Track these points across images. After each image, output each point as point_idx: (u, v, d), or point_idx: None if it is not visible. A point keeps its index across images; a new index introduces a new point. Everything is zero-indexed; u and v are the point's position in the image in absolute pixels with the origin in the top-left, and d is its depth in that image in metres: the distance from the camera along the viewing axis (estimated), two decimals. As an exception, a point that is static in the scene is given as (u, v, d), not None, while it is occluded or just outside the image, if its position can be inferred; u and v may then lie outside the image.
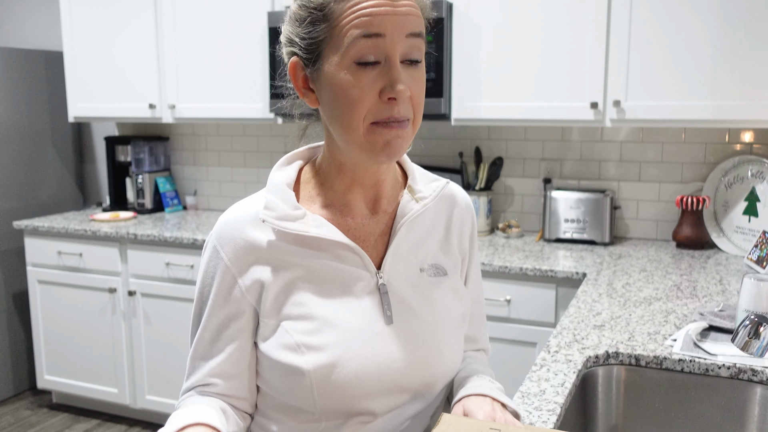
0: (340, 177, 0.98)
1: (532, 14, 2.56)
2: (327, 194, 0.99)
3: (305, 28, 0.90)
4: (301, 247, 0.95)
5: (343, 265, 0.96)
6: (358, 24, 0.85)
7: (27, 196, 3.65)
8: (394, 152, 0.90)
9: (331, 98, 0.89)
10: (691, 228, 2.63)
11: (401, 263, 1.00)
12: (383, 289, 0.97)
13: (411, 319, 0.98)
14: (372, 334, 0.94)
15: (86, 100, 3.44)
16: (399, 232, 0.99)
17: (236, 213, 0.98)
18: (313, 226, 0.94)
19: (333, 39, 0.87)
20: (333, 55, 0.88)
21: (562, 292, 2.36)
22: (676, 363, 1.45)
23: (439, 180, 1.06)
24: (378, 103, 0.87)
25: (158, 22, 3.21)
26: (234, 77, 3.10)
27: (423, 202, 1.01)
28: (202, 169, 3.68)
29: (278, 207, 0.94)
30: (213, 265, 0.97)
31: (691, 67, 2.38)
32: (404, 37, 0.87)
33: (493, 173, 2.92)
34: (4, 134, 3.50)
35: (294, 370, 0.92)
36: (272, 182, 0.98)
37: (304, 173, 1.02)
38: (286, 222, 0.93)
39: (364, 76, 0.86)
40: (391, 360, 0.94)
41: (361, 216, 1.00)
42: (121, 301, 3.16)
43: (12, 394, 3.61)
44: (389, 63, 0.87)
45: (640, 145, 2.82)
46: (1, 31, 4.09)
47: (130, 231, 3.05)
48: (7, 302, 3.56)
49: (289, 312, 0.94)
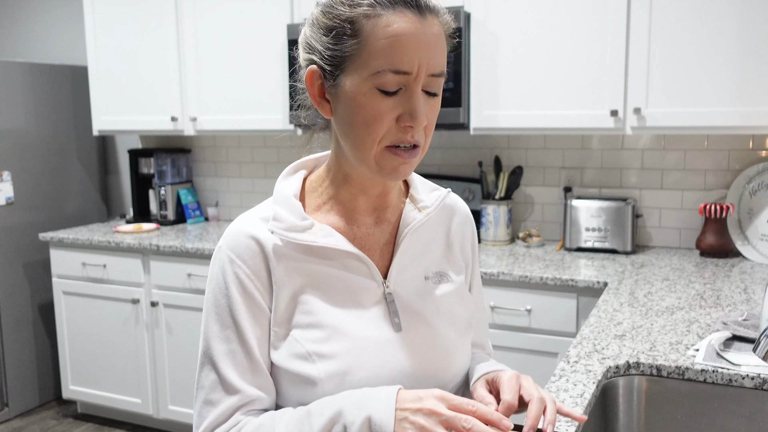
0: (346, 187, 0.99)
1: (550, 22, 2.56)
2: (333, 203, 1.00)
3: (330, 39, 0.88)
4: (309, 256, 0.95)
5: (351, 274, 0.96)
6: (388, 55, 0.84)
7: (52, 209, 3.71)
8: (400, 176, 0.92)
9: (347, 115, 0.89)
10: (715, 236, 2.59)
11: (407, 272, 1.01)
12: (390, 298, 0.98)
13: (419, 326, 0.98)
14: (382, 341, 0.94)
15: (110, 113, 3.49)
16: (404, 241, 1.00)
17: (245, 223, 0.97)
18: (322, 236, 0.95)
19: (359, 59, 0.86)
20: (355, 74, 0.87)
21: (583, 301, 2.33)
22: (699, 373, 1.43)
23: (440, 189, 1.07)
24: (394, 128, 0.88)
25: (180, 37, 3.26)
26: (254, 89, 3.13)
27: (426, 211, 1.02)
28: (223, 181, 3.72)
29: (286, 218, 0.95)
30: (229, 274, 0.94)
31: (713, 73, 2.35)
32: (427, 76, 0.88)
33: (512, 182, 2.91)
34: (31, 148, 3.56)
35: (305, 379, 0.92)
36: (279, 193, 0.99)
37: (309, 182, 1.03)
38: (294, 233, 0.94)
39: (384, 102, 0.87)
40: (402, 366, 0.94)
41: (366, 225, 1.01)
42: (144, 312, 3.19)
43: (38, 404, 3.66)
44: (410, 92, 0.87)
45: (662, 153, 2.79)
46: (27, 46, 4.18)
47: (152, 242, 3.09)
48: (33, 313, 3.61)
49: (299, 321, 0.94)
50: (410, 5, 0.85)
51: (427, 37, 0.86)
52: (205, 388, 0.94)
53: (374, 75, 0.85)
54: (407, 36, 0.84)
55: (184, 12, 3.22)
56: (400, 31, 0.84)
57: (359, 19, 0.85)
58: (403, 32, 0.84)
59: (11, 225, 3.48)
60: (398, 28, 0.84)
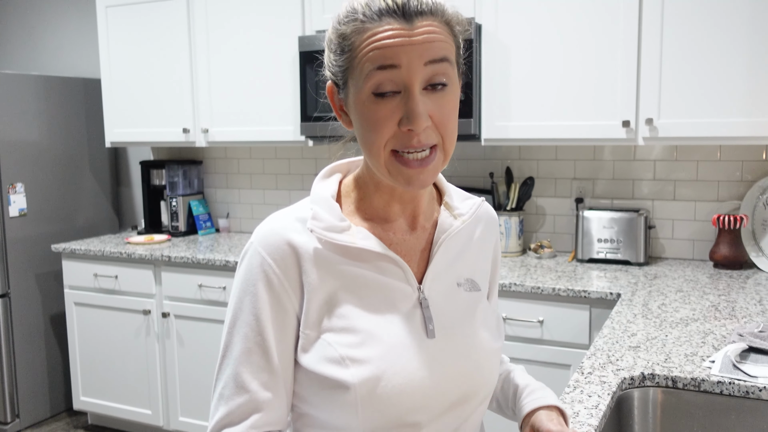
0: (378, 193, 0.99)
1: (561, 33, 2.56)
2: (367, 209, 1.00)
3: (334, 55, 0.92)
4: (345, 258, 0.95)
5: (386, 278, 0.96)
6: (372, 57, 0.86)
7: (65, 220, 3.73)
8: (417, 185, 0.91)
9: (356, 124, 0.92)
10: (728, 247, 2.57)
11: (441, 278, 1.01)
12: (425, 304, 0.97)
13: (452, 333, 0.98)
14: (415, 347, 0.94)
15: (123, 125, 3.52)
16: (440, 248, 1.00)
17: (279, 221, 0.97)
18: (359, 238, 0.95)
19: (353, 70, 0.89)
20: (354, 85, 0.90)
21: (596, 313, 2.32)
22: (715, 385, 1.41)
23: (474, 198, 1.08)
24: (398, 132, 0.88)
25: (192, 49, 3.28)
26: (265, 101, 3.14)
27: (462, 218, 1.03)
28: (234, 192, 3.73)
29: (325, 218, 0.95)
30: (258, 272, 0.93)
31: (725, 84, 2.35)
32: (423, 66, 0.86)
33: (524, 193, 2.90)
34: (44, 159, 3.59)
35: (338, 384, 0.91)
36: (317, 194, 0.99)
37: (344, 186, 1.03)
38: (333, 233, 0.94)
39: (383, 107, 0.87)
40: (434, 373, 0.94)
41: (401, 231, 1.01)
42: (155, 323, 3.19)
43: (49, 415, 3.66)
44: (408, 93, 0.87)
45: (675, 164, 2.78)
46: (41, 59, 4.22)
47: (164, 253, 3.10)
48: (45, 324, 3.63)
49: (332, 324, 0.93)
50: (395, 14, 0.86)
51: (414, 35, 0.86)
52: (221, 381, 0.95)
53: (366, 79, 0.87)
54: (392, 37, 0.85)
55: (196, 25, 3.25)
56: (384, 35, 0.86)
57: (351, 35, 0.88)
58: (387, 36, 0.86)
59: (24, 236, 3.50)
60: (383, 34, 0.86)
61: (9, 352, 3.44)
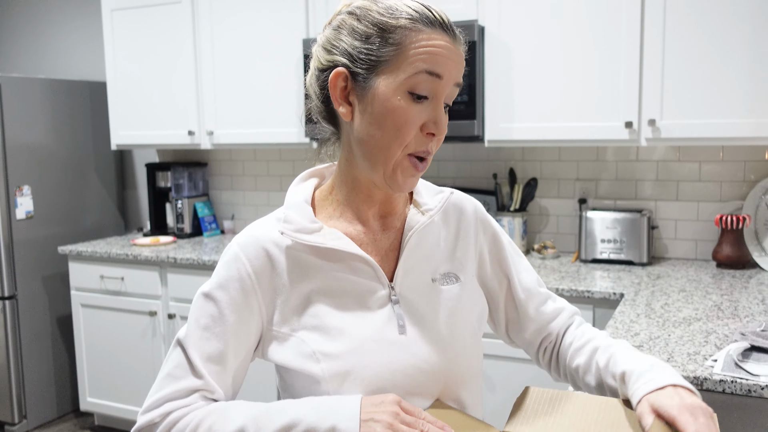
0: (354, 193, 1.03)
1: (564, 35, 2.57)
2: (342, 210, 1.04)
3: (367, 44, 0.92)
4: (318, 259, 0.99)
5: (358, 277, 1.00)
6: (426, 59, 0.91)
7: (71, 222, 3.75)
8: (408, 189, 0.98)
9: (374, 117, 0.93)
10: (731, 247, 2.58)
11: (412, 274, 1.03)
12: (395, 300, 1.01)
13: (424, 328, 1.01)
14: (385, 343, 0.97)
15: (128, 128, 3.54)
16: (408, 245, 1.03)
17: (259, 225, 1.03)
18: (330, 239, 0.99)
19: (394, 64, 0.92)
20: (389, 77, 0.92)
21: (599, 312, 2.33)
22: (717, 384, 1.43)
23: (445, 191, 1.11)
24: (418, 135, 0.94)
25: (196, 52, 3.30)
26: (270, 103, 3.16)
27: (429, 213, 1.06)
28: (239, 194, 3.75)
29: (296, 220, 0.99)
30: (233, 269, 0.98)
31: (727, 84, 2.36)
32: (453, 85, 0.94)
33: (527, 194, 2.92)
34: (50, 162, 3.62)
35: (311, 378, 0.96)
36: (290, 198, 1.04)
37: (320, 190, 1.07)
38: (303, 234, 0.98)
39: (413, 108, 0.92)
40: (405, 367, 0.97)
41: (374, 231, 1.04)
42: (161, 324, 3.21)
43: (56, 416, 3.68)
44: (436, 101, 0.93)
45: (677, 164, 2.79)
46: (47, 63, 4.25)
47: (169, 255, 3.12)
48: (52, 325, 3.65)
49: (306, 323, 0.98)
50: (446, 29, 0.93)
51: (456, 56, 0.94)
52: (170, 363, 0.97)
53: (409, 77, 0.91)
54: (444, 48, 0.92)
55: (200, 28, 3.27)
56: (438, 44, 0.92)
57: (399, 30, 0.91)
58: (441, 45, 0.92)
59: (31, 238, 3.53)
60: (437, 42, 0.92)
61: (16, 353, 3.47)
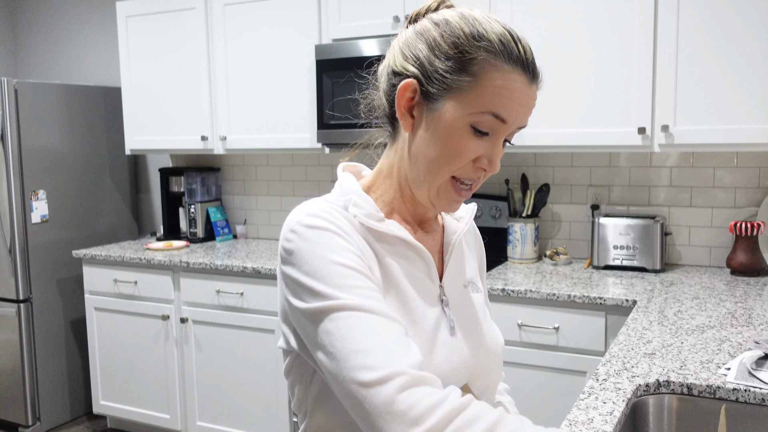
0: (399, 195, 1.01)
1: (576, 40, 2.57)
2: (387, 209, 1.01)
3: (445, 64, 0.89)
4: (381, 246, 0.95)
5: (416, 271, 0.98)
6: (495, 102, 0.88)
7: (86, 226, 3.79)
8: (451, 210, 0.99)
9: (433, 139, 0.91)
10: (745, 254, 2.56)
11: (454, 279, 1.05)
12: (445, 301, 1.00)
13: (468, 331, 1.02)
14: (439, 343, 0.96)
15: (142, 133, 3.57)
16: (455, 248, 1.05)
17: (320, 203, 0.93)
18: (396, 229, 0.96)
19: (467, 94, 0.89)
20: (458, 106, 0.89)
21: (611, 319, 2.32)
22: (731, 392, 1.41)
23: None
24: (469, 165, 0.92)
25: (210, 58, 3.33)
26: (283, 108, 3.18)
27: (463, 221, 1.08)
28: (251, 199, 3.77)
29: (364, 207, 0.94)
30: (325, 230, 0.87)
31: (741, 90, 2.34)
32: (516, 128, 0.93)
33: (539, 200, 2.91)
34: (65, 167, 3.65)
35: None
36: (348, 187, 0.98)
37: (363, 186, 1.03)
38: (373, 221, 0.94)
39: (472, 142, 0.90)
40: (455, 368, 0.96)
41: (419, 233, 1.04)
42: (174, 328, 3.23)
43: (69, 419, 3.71)
44: (495, 139, 0.91)
45: (691, 170, 2.77)
46: (63, 69, 4.29)
47: (182, 259, 3.14)
48: (66, 329, 3.68)
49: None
50: (527, 69, 0.90)
51: (529, 99, 0.91)
52: (377, 335, 0.80)
53: (475, 113, 0.89)
54: (517, 92, 0.89)
55: (214, 34, 3.29)
56: (513, 86, 0.89)
57: (480, 62, 0.88)
58: (516, 89, 0.89)
59: (46, 242, 3.56)
60: (512, 84, 0.89)
61: (30, 356, 3.50)
